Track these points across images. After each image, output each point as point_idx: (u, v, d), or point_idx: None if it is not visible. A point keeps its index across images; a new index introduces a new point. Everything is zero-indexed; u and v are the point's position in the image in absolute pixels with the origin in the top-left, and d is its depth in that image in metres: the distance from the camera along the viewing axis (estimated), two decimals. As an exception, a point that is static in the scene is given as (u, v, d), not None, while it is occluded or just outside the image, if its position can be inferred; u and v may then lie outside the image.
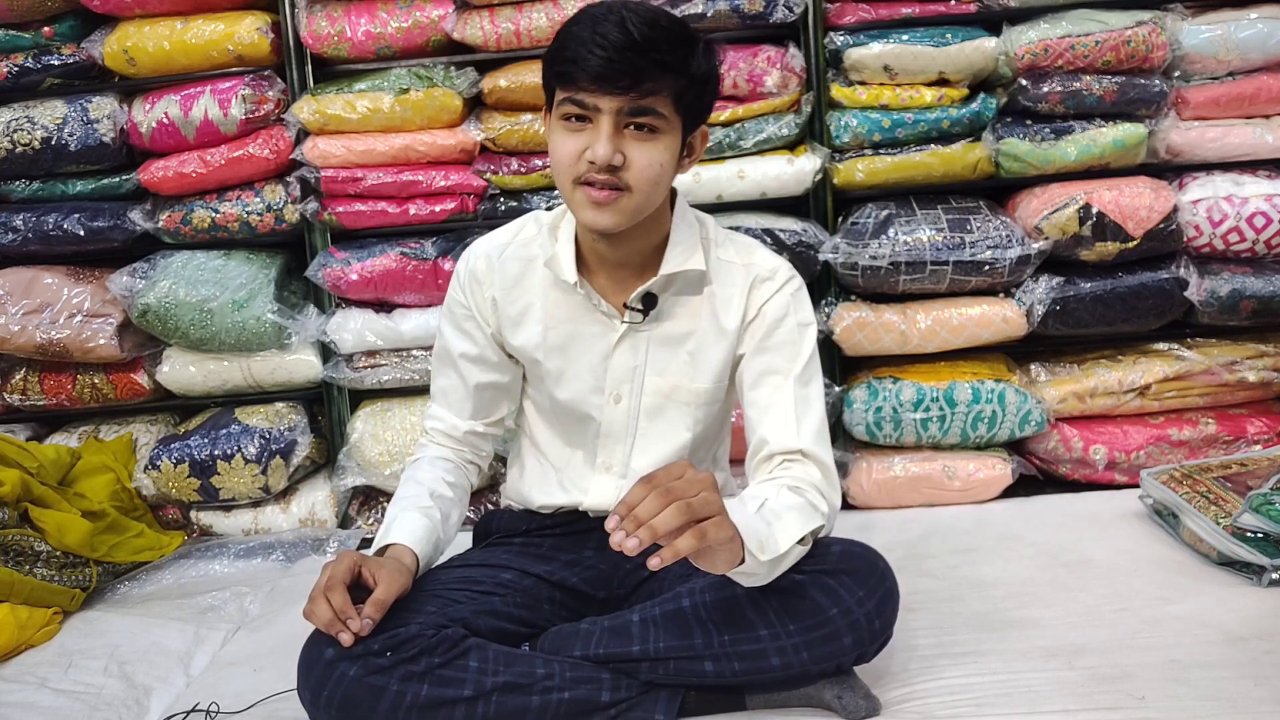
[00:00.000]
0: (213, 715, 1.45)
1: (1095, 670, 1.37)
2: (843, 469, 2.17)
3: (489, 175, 2.21)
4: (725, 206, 2.20)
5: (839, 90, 2.16)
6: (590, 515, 1.47)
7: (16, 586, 1.79)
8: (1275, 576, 1.58)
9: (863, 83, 2.16)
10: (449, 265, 2.19)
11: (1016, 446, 2.20)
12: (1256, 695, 1.28)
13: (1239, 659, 1.37)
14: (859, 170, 2.16)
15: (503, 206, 2.22)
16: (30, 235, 2.29)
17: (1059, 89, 2.09)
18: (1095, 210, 2.06)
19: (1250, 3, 2.12)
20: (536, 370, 1.44)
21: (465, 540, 1.60)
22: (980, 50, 2.10)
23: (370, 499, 2.34)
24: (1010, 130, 2.13)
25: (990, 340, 2.15)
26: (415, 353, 2.26)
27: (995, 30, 2.12)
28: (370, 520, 2.30)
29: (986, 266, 2.08)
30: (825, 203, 2.22)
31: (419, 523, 1.33)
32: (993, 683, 1.35)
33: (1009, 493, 2.14)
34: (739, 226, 2.12)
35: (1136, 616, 1.52)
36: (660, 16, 1.19)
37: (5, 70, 2.26)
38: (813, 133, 2.23)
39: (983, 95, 2.16)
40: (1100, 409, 2.15)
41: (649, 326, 1.37)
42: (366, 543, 2.20)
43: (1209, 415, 2.15)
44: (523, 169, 2.20)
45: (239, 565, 2.10)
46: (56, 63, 2.27)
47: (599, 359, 1.39)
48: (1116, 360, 2.18)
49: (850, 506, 2.17)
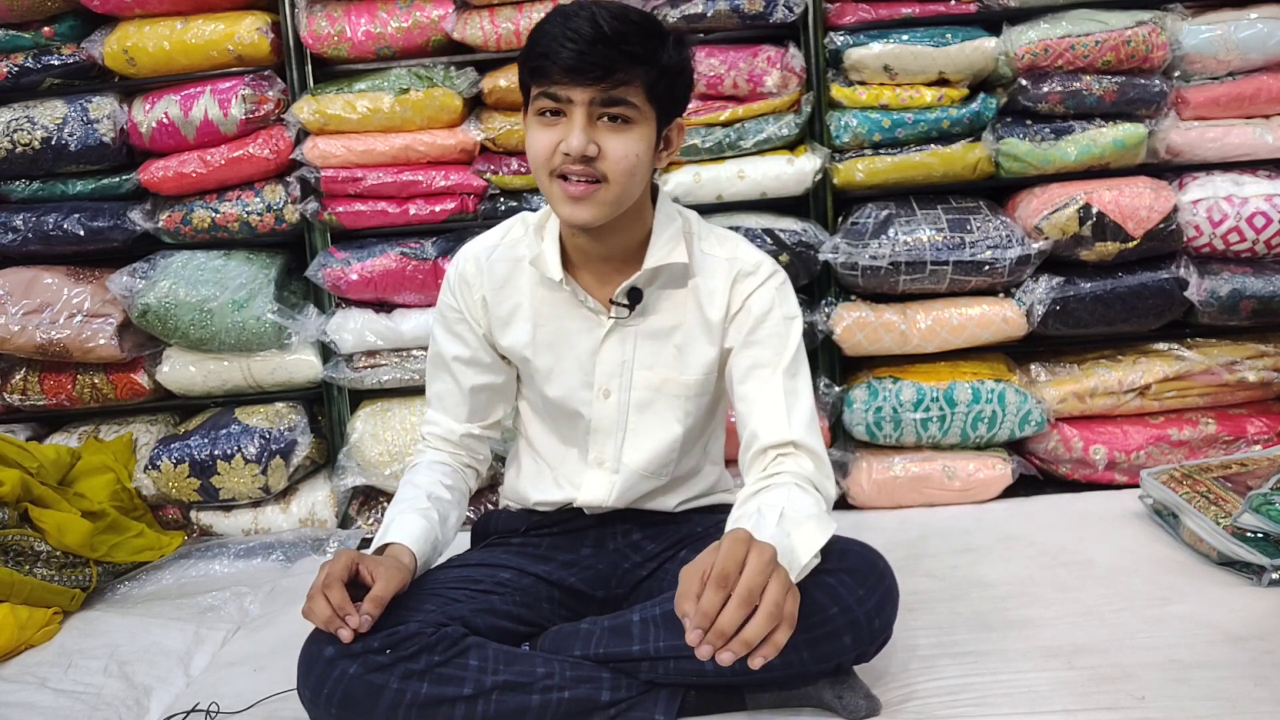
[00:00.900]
0: (213, 715, 1.45)
1: (1095, 670, 1.37)
2: (843, 469, 2.17)
3: (489, 175, 2.21)
4: (725, 206, 2.20)
5: (839, 90, 2.16)
6: (586, 512, 1.47)
7: (16, 586, 1.79)
8: (1275, 576, 1.58)
9: (863, 83, 2.16)
10: (449, 265, 2.18)
11: (1016, 446, 2.20)
12: (1256, 695, 1.28)
13: (1239, 659, 1.37)
14: (859, 170, 2.16)
15: (503, 206, 2.22)
16: (30, 235, 2.29)
17: (1059, 89, 2.09)
18: (1095, 210, 2.06)
19: (1250, 3, 2.12)
20: (527, 369, 1.45)
21: (464, 541, 1.60)
22: (980, 50, 2.10)
23: (370, 499, 2.34)
24: (1010, 130, 2.13)
25: (990, 340, 2.15)
26: (415, 353, 2.27)
27: (995, 30, 2.12)
28: (370, 520, 2.30)
29: (986, 266, 2.08)
30: (825, 203, 2.22)
31: (417, 523, 1.33)
32: (993, 683, 1.35)
33: (1009, 493, 2.14)
34: (739, 226, 2.12)
35: (1136, 616, 1.52)
36: (630, 11, 1.20)
37: (5, 70, 2.26)
38: (813, 133, 2.23)
39: (983, 95, 2.16)
40: (1100, 409, 2.15)
41: (635, 321, 1.38)
42: (366, 543, 2.21)
43: (1209, 415, 2.15)
44: (523, 169, 2.20)
45: (239, 565, 2.10)
46: (56, 63, 2.27)
47: (587, 355, 1.40)
48: (1116, 360, 2.19)
49: (850, 506, 2.17)
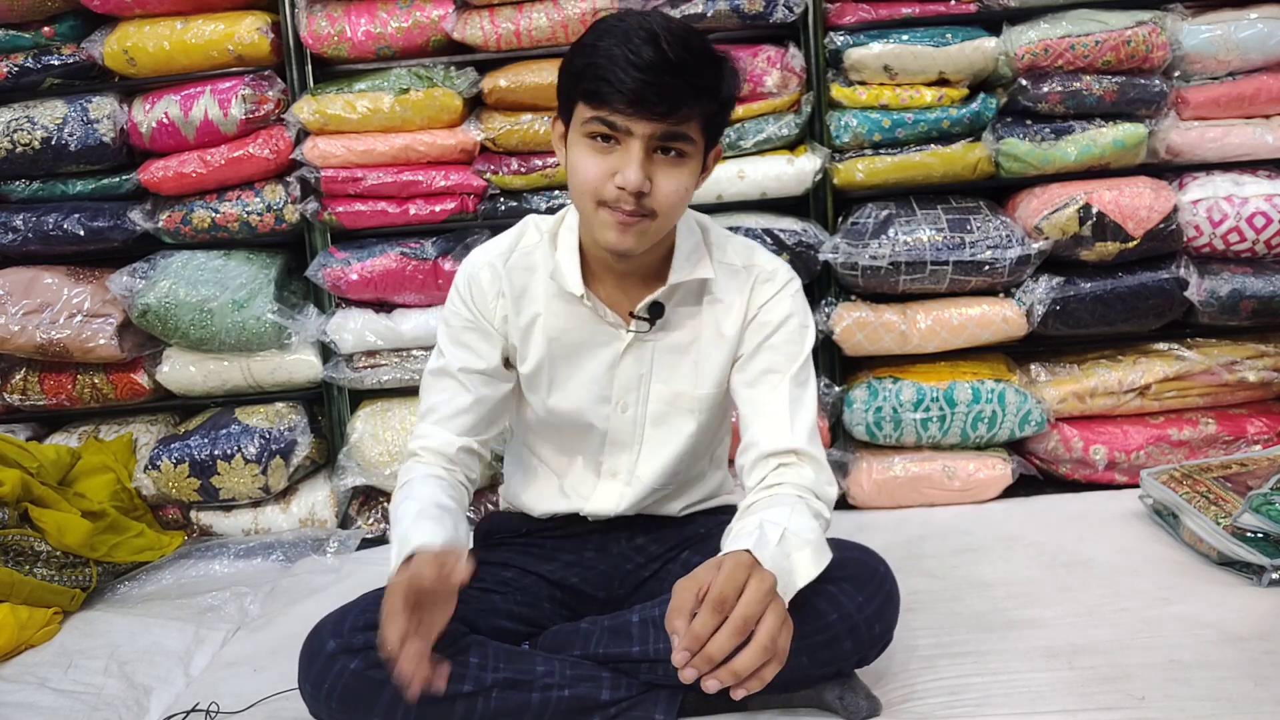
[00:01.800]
0: (213, 715, 1.45)
1: (1095, 670, 1.37)
2: (843, 469, 2.17)
3: (489, 175, 2.21)
4: (725, 206, 2.20)
5: (839, 90, 2.16)
6: (590, 520, 1.46)
7: (16, 586, 1.79)
8: (1275, 576, 1.58)
9: (863, 83, 2.16)
10: (449, 265, 2.18)
11: (1016, 446, 2.20)
12: (1256, 695, 1.28)
13: (1239, 659, 1.37)
14: (859, 170, 2.16)
15: (503, 206, 2.22)
16: (30, 235, 2.29)
17: (1059, 89, 2.09)
18: (1095, 210, 2.06)
19: (1250, 3, 2.12)
20: (537, 379, 1.40)
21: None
22: (980, 50, 2.10)
23: (370, 499, 2.34)
24: (1010, 130, 2.13)
25: (990, 340, 2.15)
26: (415, 353, 2.26)
27: (995, 30, 2.12)
28: (370, 520, 2.30)
29: (986, 266, 2.08)
30: (825, 203, 2.22)
31: (437, 531, 1.21)
32: (993, 683, 1.35)
33: (1009, 493, 2.14)
34: (739, 226, 2.12)
35: (1136, 616, 1.52)
36: (691, 35, 1.15)
37: (5, 70, 2.26)
38: (813, 133, 2.23)
39: (983, 95, 2.16)
40: (1100, 409, 2.15)
41: (655, 335, 1.36)
42: (367, 543, 2.21)
43: (1209, 415, 2.15)
44: (523, 169, 2.20)
45: (239, 565, 2.10)
46: (56, 63, 2.27)
47: (604, 369, 1.37)
48: (1116, 360, 2.18)
49: (850, 506, 2.17)
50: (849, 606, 1.22)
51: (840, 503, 2.17)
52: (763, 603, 1.00)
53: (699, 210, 2.21)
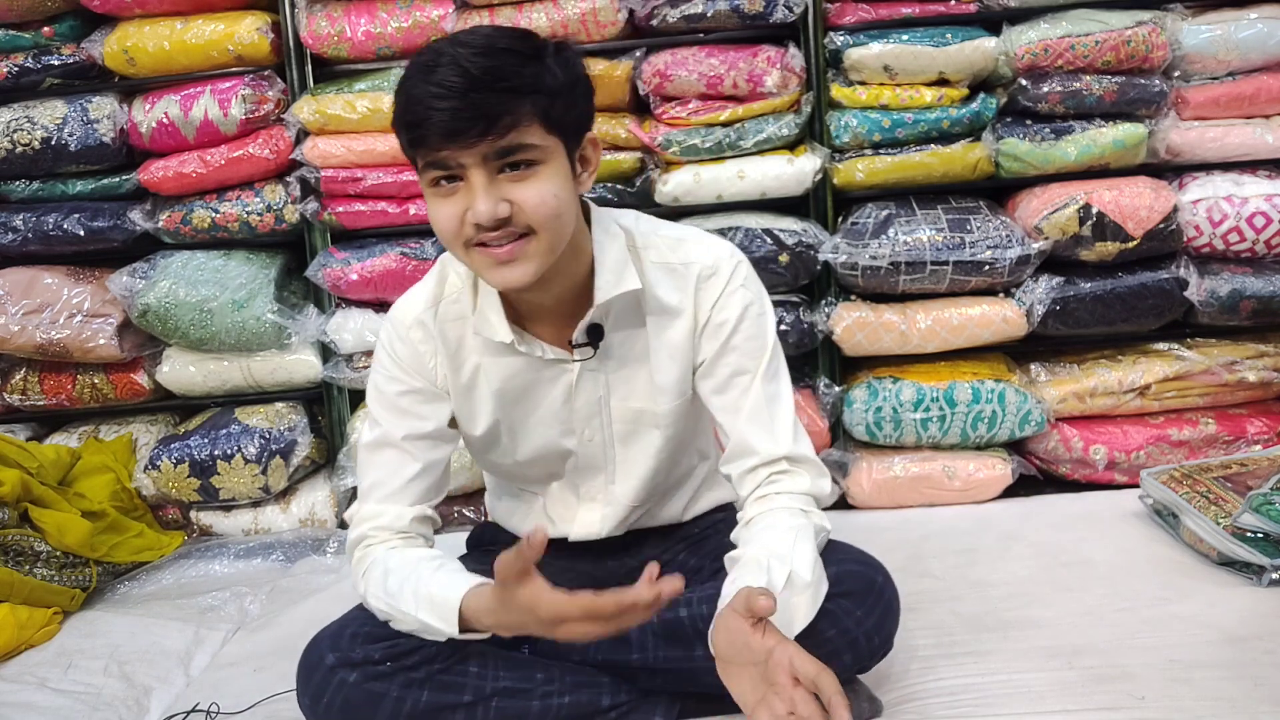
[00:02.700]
0: (213, 715, 1.45)
1: (1095, 670, 1.37)
2: (843, 469, 2.17)
3: (489, 175, 2.21)
4: (725, 207, 2.20)
5: (839, 90, 2.16)
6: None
7: (16, 586, 1.79)
8: (1275, 576, 1.58)
9: (863, 83, 2.16)
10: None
11: (1016, 446, 2.20)
12: (1256, 695, 1.28)
13: (1239, 659, 1.37)
14: (859, 170, 2.16)
15: (503, 206, 2.22)
16: (30, 235, 2.29)
17: (1059, 89, 2.08)
18: (1095, 210, 2.06)
19: (1250, 3, 2.12)
20: (493, 438, 1.34)
21: (460, 544, 1.59)
22: (980, 50, 2.09)
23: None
24: (1010, 130, 2.13)
25: (990, 340, 2.15)
26: (415, 353, 2.26)
27: (995, 30, 2.12)
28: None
29: (986, 266, 2.08)
30: (825, 203, 2.22)
31: (458, 577, 1.15)
32: (993, 683, 1.35)
33: (1009, 493, 2.13)
34: (738, 226, 2.12)
35: (1136, 616, 1.52)
36: (496, 39, 1.06)
37: (5, 70, 2.26)
38: (813, 133, 2.23)
39: (983, 95, 2.15)
40: (1100, 409, 2.15)
41: (602, 357, 1.28)
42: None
43: (1209, 415, 2.15)
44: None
45: (239, 565, 2.10)
46: (56, 63, 2.27)
47: (560, 404, 1.30)
48: (1116, 360, 2.18)
49: (850, 506, 2.17)
50: (847, 622, 1.21)
51: (840, 503, 2.17)
52: (816, 664, 0.98)
53: (698, 210, 2.23)
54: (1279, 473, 1.73)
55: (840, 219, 2.23)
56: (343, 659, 1.18)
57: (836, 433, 2.22)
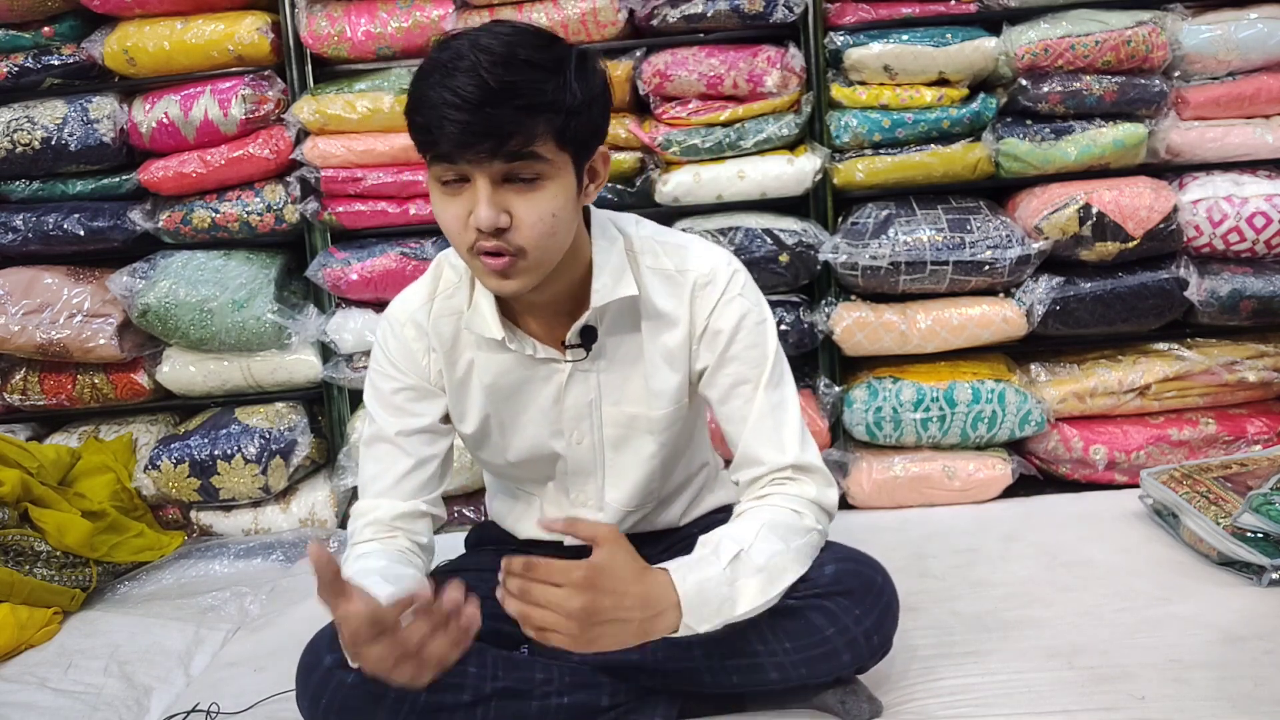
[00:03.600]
0: (213, 715, 1.45)
1: (1095, 670, 1.37)
2: (843, 469, 2.17)
3: (489, 175, 2.21)
4: (725, 207, 2.20)
5: (839, 90, 2.16)
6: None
7: (16, 586, 1.79)
8: (1275, 576, 1.58)
9: (863, 83, 2.16)
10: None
11: (1016, 446, 2.20)
12: (1256, 695, 1.28)
13: (1239, 659, 1.37)
14: (859, 170, 2.16)
15: (503, 206, 2.22)
16: (30, 235, 2.29)
17: (1059, 89, 2.08)
18: (1095, 210, 2.06)
19: (1250, 3, 2.12)
20: (484, 435, 1.34)
21: (459, 544, 1.59)
22: (980, 50, 2.09)
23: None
24: (1010, 130, 2.13)
25: (990, 340, 2.15)
26: (415, 353, 2.26)
27: (995, 30, 2.12)
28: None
29: (986, 266, 2.08)
30: (825, 203, 2.22)
31: (378, 589, 1.08)
32: (993, 683, 1.35)
33: (1009, 493, 2.13)
34: (739, 226, 2.12)
35: (1136, 616, 1.52)
36: (518, 47, 1.04)
37: (5, 70, 2.26)
38: (813, 133, 2.23)
39: (983, 95, 2.15)
40: (1100, 409, 2.15)
41: (595, 359, 1.28)
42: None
43: (1209, 415, 2.15)
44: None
45: (239, 565, 2.10)
46: (56, 63, 2.27)
47: (550, 403, 1.30)
48: (1116, 360, 2.18)
49: (850, 507, 2.17)
50: (846, 620, 1.20)
51: (840, 503, 2.14)
52: (600, 623, 1.04)
53: (698, 210, 2.23)
54: (1279, 473, 1.73)
55: (840, 219, 2.23)
56: (342, 659, 1.17)
57: (836, 433, 2.22)
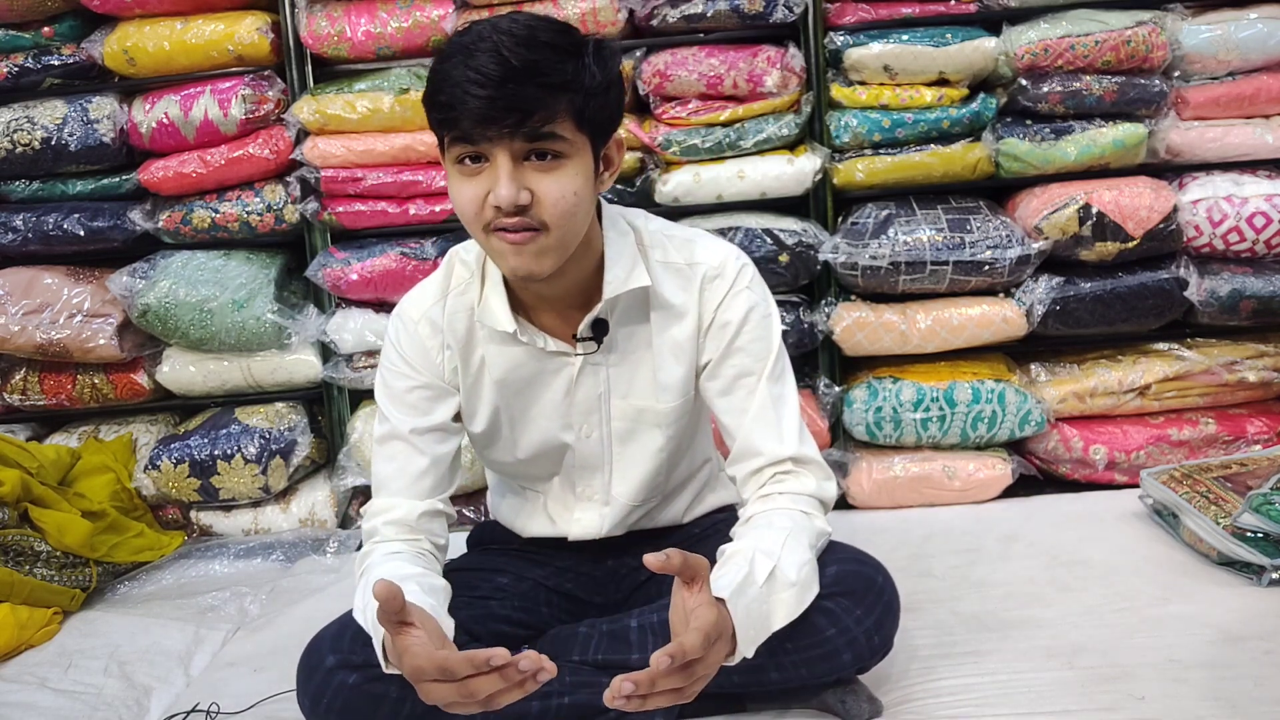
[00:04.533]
0: (213, 715, 1.45)
1: (1095, 670, 1.37)
2: (843, 469, 2.17)
3: (489, 175, 2.21)
4: (725, 207, 2.20)
5: (839, 90, 2.16)
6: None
7: (16, 586, 1.79)
8: (1275, 576, 1.58)
9: (863, 83, 2.16)
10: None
11: (1016, 446, 2.20)
12: (1256, 695, 1.28)
13: (1239, 659, 1.37)
14: (859, 170, 2.16)
15: (503, 206, 2.22)
16: (30, 235, 2.29)
17: (1059, 89, 2.08)
18: (1095, 210, 2.06)
19: (1250, 3, 2.12)
20: (494, 432, 1.34)
21: (460, 544, 1.59)
22: (980, 50, 2.09)
23: (370, 499, 2.34)
24: (1010, 130, 2.13)
25: (990, 340, 2.15)
26: (415, 353, 2.26)
27: (995, 30, 2.12)
28: (361, 522, 2.29)
29: (986, 266, 2.08)
30: (825, 203, 2.22)
31: (420, 599, 1.10)
32: (993, 683, 1.36)
33: (1009, 493, 2.13)
34: (739, 227, 2.12)
35: (1136, 616, 1.52)
36: (538, 31, 1.07)
37: (5, 70, 2.26)
38: (813, 133, 2.23)
39: (983, 95, 2.15)
40: (1100, 409, 2.15)
41: (606, 353, 1.29)
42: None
43: (1209, 415, 2.15)
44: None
45: (239, 565, 2.10)
46: (56, 63, 2.27)
47: (561, 396, 1.31)
48: (1116, 360, 2.18)
49: (850, 507, 2.17)
50: (847, 621, 1.21)
51: (840, 503, 2.17)
52: (707, 679, 1.00)
53: (699, 212, 2.23)
54: (1279, 473, 1.73)
55: (840, 219, 2.23)
56: (343, 660, 1.17)
57: (836, 433, 2.22)
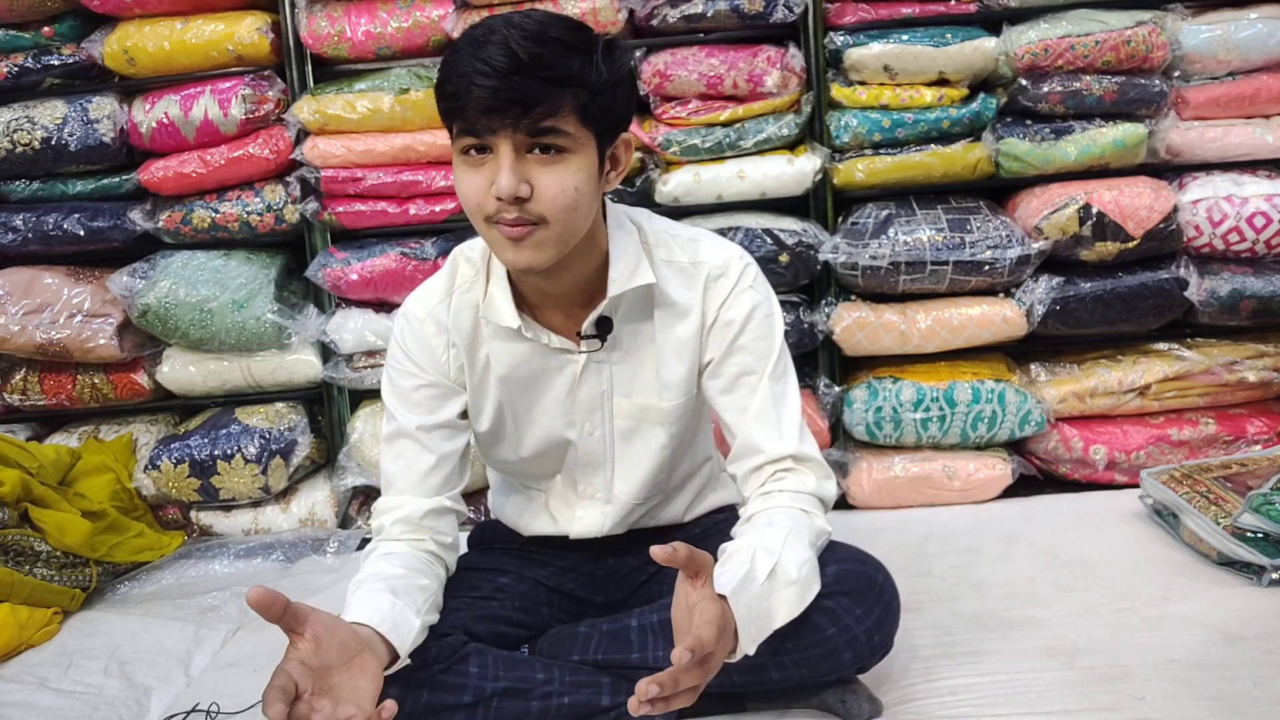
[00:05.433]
0: (213, 715, 1.45)
1: (1095, 670, 1.37)
2: (843, 469, 2.17)
3: (489, 175, 2.21)
4: (725, 207, 2.20)
5: (839, 90, 2.16)
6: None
7: (16, 586, 1.79)
8: (1275, 576, 1.58)
9: (863, 83, 2.16)
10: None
11: (1016, 446, 2.20)
12: (1256, 695, 1.28)
13: (1239, 659, 1.37)
14: (859, 170, 2.16)
15: (503, 206, 2.22)
16: (30, 235, 2.29)
17: (1059, 89, 2.08)
18: (1095, 210, 2.06)
19: (1250, 3, 2.12)
20: (499, 430, 1.35)
21: (460, 543, 1.58)
22: (980, 50, 2.09)
23: (370, 499, 2.34)
24: (1010, 130, 2.13)
25: (990, 340, 2.15)
26: (415, 353, 2.26)
27: (995, 30, 2.12)
28: (370, 520, 2.29)
29: (986, 266, 2.08)
30: (825, 203, 2.22)
31: (377, 600, 1.13)
32: (993, 683, 1.36)
33: (1009, 493, 2.13)
34: (739, 227, 2.12)
35: (1136, 616, 1.52)
36: (549, 26, 1.08)
37: (5, 70, 2.26)
38: (813, 133, 2.23)
39: (983, 95, 2.15)
40: (1100, 409, 2.15)
41: (609, 351, 1.29)
42: (367, 543, 2.20)
43: (1209, 415, 2.15)
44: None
45: (239, 565, 2.10)
46: (56, 63, 2.27)
47: (564, 394, 1.31)
48: (1116, 360, 2.18)
49: (850, 507, 2.17)
50: (847, 620, 1.21)
51: (840, 503, 2.17)
52: (713, 673, 1.02)
53: (699, 212, 2.23)
54: (1279, 473, 1.73)
55: (840, 219, 2.23)
56: None
57: (836, 433, 2.22)
